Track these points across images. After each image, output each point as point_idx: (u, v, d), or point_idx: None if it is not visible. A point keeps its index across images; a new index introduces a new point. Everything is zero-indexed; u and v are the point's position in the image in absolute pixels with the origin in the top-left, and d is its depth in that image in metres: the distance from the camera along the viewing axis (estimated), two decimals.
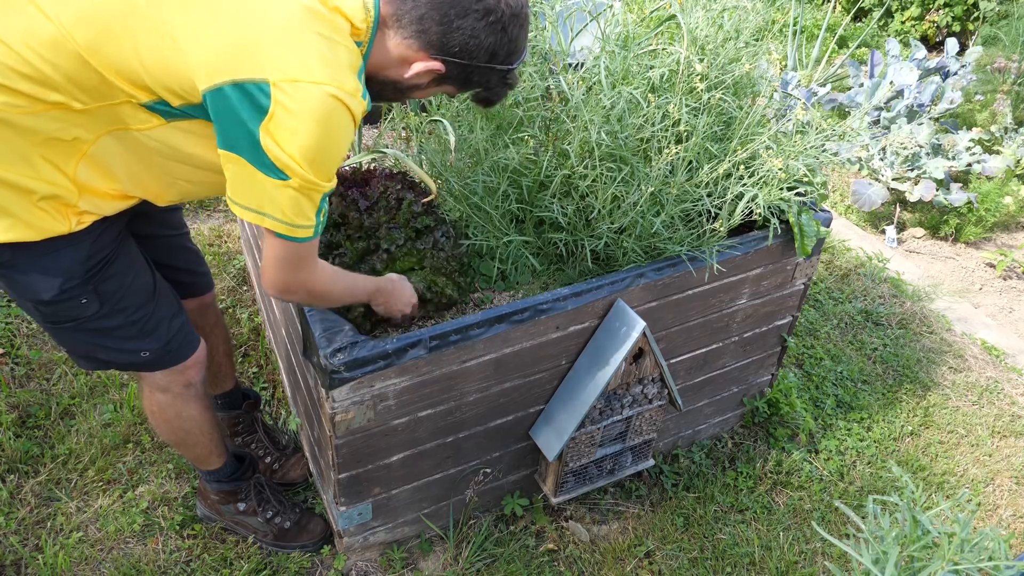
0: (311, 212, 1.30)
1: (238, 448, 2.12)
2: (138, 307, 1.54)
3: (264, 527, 1.98)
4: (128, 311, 1.53)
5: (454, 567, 1.99)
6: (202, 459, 1.88)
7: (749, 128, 1.84)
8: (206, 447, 1.84)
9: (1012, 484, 2.43)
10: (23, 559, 1.92)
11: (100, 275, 1.45)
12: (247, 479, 1.98)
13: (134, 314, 1.54)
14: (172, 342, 1.63)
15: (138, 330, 1.56)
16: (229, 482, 1.95)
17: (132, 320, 1.54)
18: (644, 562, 2.06)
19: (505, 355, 1.73)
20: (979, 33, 5.20)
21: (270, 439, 2.19)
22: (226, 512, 1.99)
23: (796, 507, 2.26)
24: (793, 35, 4.52)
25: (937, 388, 2.77)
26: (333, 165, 1.28)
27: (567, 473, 1.96)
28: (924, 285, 3.36)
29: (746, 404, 2.43)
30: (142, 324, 1.56)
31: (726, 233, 1.85)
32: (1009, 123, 4.13)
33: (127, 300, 1.52)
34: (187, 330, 1.67)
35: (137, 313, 1.54)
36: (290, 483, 2.15)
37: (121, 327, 1.53)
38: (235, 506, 1.97)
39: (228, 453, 1.93)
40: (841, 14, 6.07)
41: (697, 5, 1.92)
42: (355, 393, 1.58)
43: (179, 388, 1.70)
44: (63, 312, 1.46)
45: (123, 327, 1.54)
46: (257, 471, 2.02)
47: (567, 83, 1.82)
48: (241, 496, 1.97)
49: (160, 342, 1.60)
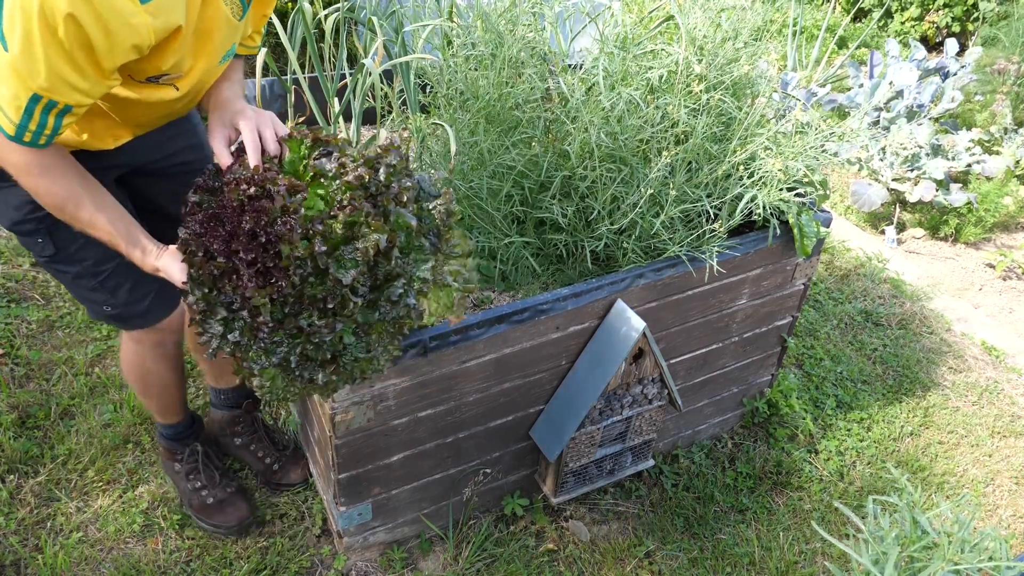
0: (15, 104, 1.17)
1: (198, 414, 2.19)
2: (98, 261, 1.56)
3: (190, 495, 2.04)
4: (86, 262, 1.55)
5: (454, 567, 1.99)
6: (158, 411, 1.98)
7: (748, 129, 1.84)
8: (164, 403, 1.94)
9: (1012, 484, 2.43)
10: (23, 559, 1.92)
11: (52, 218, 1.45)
12: (185, 442, 2.05)
13: (94, 267, 1.56)
14: (134, 305, 1.65)
15: (97, 283, 1.58)
16: (169, 440, 2.04)
17: (91, 272, 1.57)
18: (644, 562, 2.07)
19: (505, 355, 1.73)
20: (979, 34, 5.20)
21: (270, 440, 2.19)
22: (167, 468, 2.09)
23: (796, 507, 2.26)
24: (792, 35, 4.52)
25: (937, 388, 2.77)
26: (62, 59, 1.12)
27: (567, 473, 1.96)
28: (924, 285, 3.36)
29: (746, 404, 2.44)
30: (102, 278, 1.58)
31: (726, 233, 1.85)
32: (1009, 123, 4.13)
33: (85, 252, 1.54)
34: (155, 297, 1.69)
35: (97, 267, 1.56)
36: (290, 485, 2.15)
37: (80, 276, 1.57)
38: (173, 464, 2.06)
39: (186, 414, 2.02)
40: (841, 14, 6.07)
41: (695, 5, 1.92)
42: (355, 393, 1.58)
43: (149, 345, 1.76)
44: (26, 244, 1.52)
45: (82, 277, 1.57)
46: (201, 439, 2.09)
47: (566, 84, 1.82)
48: (179, 457, 2.05)
49: (120, 302, 1.63)
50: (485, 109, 1.86)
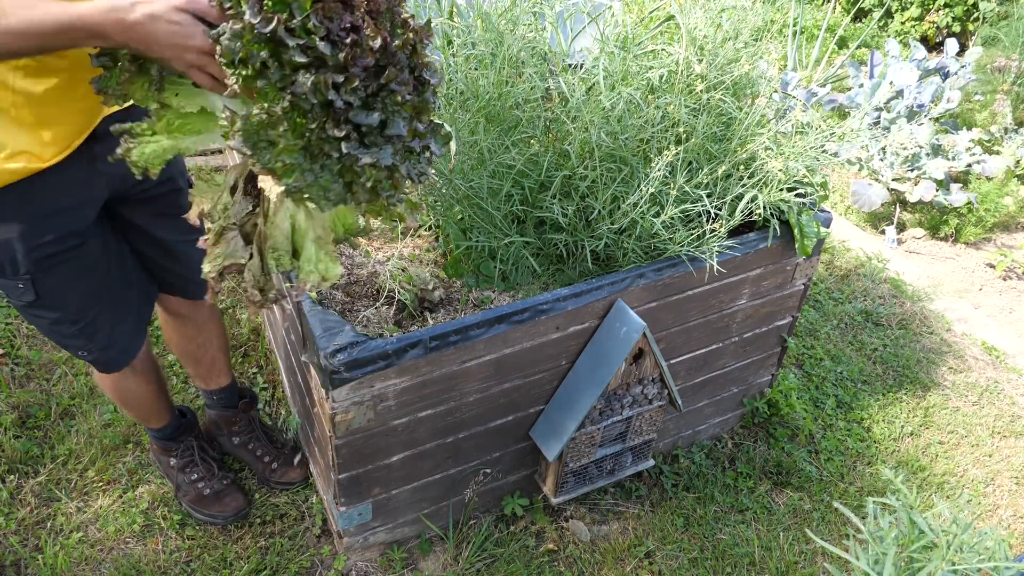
0: None
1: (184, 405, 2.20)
2: (80, 308, 1.53)
3: (187, 487, 2.06)
4: (67, 309, 1.52)
5: (454, 567, 1.99)
6: (142, 420, 2.00)
7: (749, 129, 1.84)
8: (145, 412, 1.96)
9: (1012, 484, 2.43)
10: (23, 559, 1.92)
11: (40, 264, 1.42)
12: (181, 439, 2.07)
13: (76, 314, 1.54)
14: (111, 349, 1.66)
15: (76, 330, 1.56)
16: (163, 440, 2.06)
17: (71, 319, 1.54)
18: (644, 562, 2.07)
19: (505, 355, 1.73)
20: (979, 33, 5.20)
21: (268, 439, 2.20)
22: (161, 462, 2.11)
23: (796, 507, 2.26)
24: (793, 35, 4.51)
25: (937, 388, 2.77)
26: None
27: (567, 473, 1.96)
28: (924, 285, 3.36)
29: (746, 405, 2.44)
30: (81, 326, 1.56)
31: (726, 234, 1.85)
32: (1009, 123, 4.13)
33: (67, 299, 1.51)
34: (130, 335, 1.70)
35: (78, 315, 1.54)
36: (289, 483, 2.15)
37: (59, 323, 1.54)
38: (168, 460, 2.09)
39: (172, 416, 2.04)
40: (841, 14, 6.07)
41: (696, 5, 1.92)
42: (355, 393, 1.58)
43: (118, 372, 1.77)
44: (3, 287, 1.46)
45: (60, 324, 1.54)
46: (195, 433, 2.11)
47: (567, 84, 1.82)
48: (174, 452, 2.07)
49: (99, 347, 1.63)
50: (485, 108, 1.86)
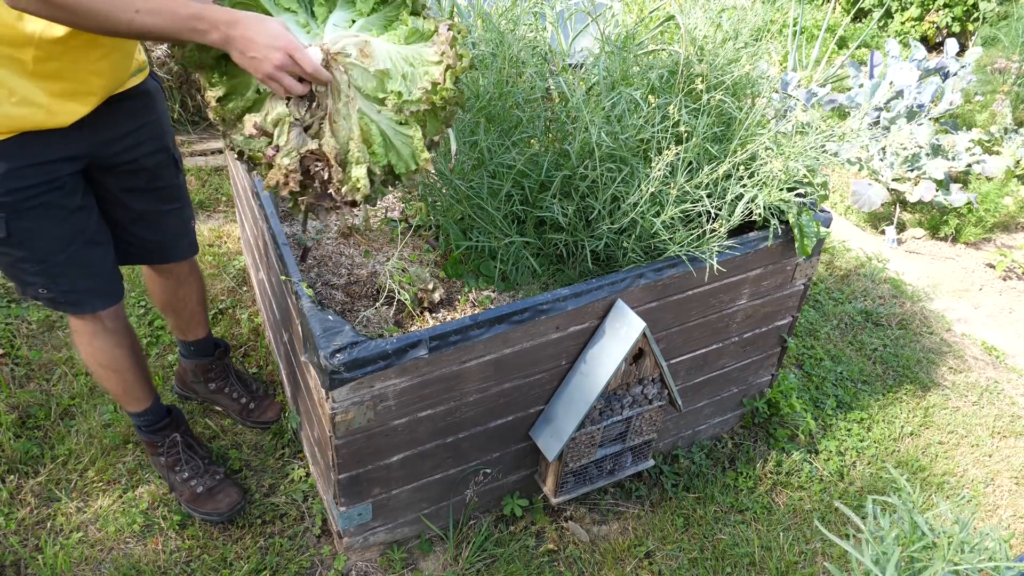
0: None
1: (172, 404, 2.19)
2: (47, 252, 1.58)
3: (180, 486, 2.04)
4: (35, 250, 1.57)
5: (454, 567, 1.99)
6: (119, 397, 1.96)
7: (749, 129, 1.84)
8: (120, 384, 1.91)
9: (1012, 484, 2.43)
10: (23, 559, 1.92)
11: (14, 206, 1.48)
12: (163, 433, 2.04)
13: (43, 256, 1.58)
14: (71, 295, 1.68)
15: (40, 269, 1.60)
16: (147, 432, 2.03)
17: (38, 259, 1.58)
18: (644, 562, 2.06)
19: (505, 355, 1.73)
20: (979, 34, 5.20)
21: (242, 383, 2.28)
22: (154, 463, 2.09)
23: (796, 507, 2.26)
24: (793, 35, 4.51)
25: (937, 388, 2.77)
26: None
27: (567, 473, 1.96)
28: (924, 285, 3.36)
29: (746, 405, 2.44)
30: (46, 266, 1.60)
31: (726, 234, 1.85)
32: (1009, 124, 4.13)
33: (37, 240, 1.56)
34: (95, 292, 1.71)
35: (45, 256, 1.58)
36: (267, 422, 2.25)
37: (24, 261, 1.58)
38: (157, 459, 2.06)
39: (153, 402, 2.00)
40: (841, 14, 6.07)
41: (696, 5, 1.92)
42: (355, 393, 1.58)
43: (90, 326, 1.77)
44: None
45: (26, 262, 1.58)
46: (180, 430, 2.08)
47: (567, 84, 1.82)
48: (160, 450, 2.04)
49: (58, 289, 1.65)
50: (486, 108, 1.86)
